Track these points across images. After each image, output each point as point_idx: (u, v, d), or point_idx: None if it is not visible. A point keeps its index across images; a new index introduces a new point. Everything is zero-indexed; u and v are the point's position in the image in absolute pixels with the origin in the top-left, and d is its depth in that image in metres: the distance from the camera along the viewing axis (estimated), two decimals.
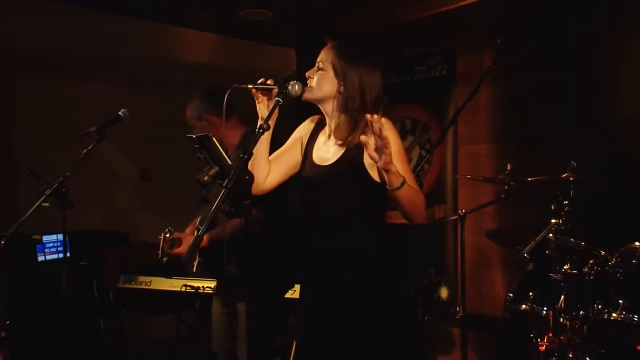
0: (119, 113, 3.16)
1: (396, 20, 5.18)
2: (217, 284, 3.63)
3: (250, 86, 2.38)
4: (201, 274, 3.68)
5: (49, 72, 4.93)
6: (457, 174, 4.81)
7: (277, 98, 2.27)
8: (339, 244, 2.39)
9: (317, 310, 2.44)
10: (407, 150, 4.90)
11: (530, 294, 3.47)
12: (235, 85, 2.33)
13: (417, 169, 4.22)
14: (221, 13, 5.31)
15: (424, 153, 4.97)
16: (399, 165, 2.22)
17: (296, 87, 2.32)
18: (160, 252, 3.26)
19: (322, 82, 2.40)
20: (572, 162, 3.31)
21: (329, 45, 2.46)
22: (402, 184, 2.17)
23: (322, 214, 2.43)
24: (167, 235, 3.27)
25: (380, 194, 2.32)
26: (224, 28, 5.77)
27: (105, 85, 5.19)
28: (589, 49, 4.13)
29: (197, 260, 3.36)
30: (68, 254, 3.09)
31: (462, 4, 4.67)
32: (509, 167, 3.64)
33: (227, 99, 2.37)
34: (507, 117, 4.66)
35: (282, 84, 2.32)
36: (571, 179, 3.29)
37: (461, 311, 3.83)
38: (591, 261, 3.30)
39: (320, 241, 2.43)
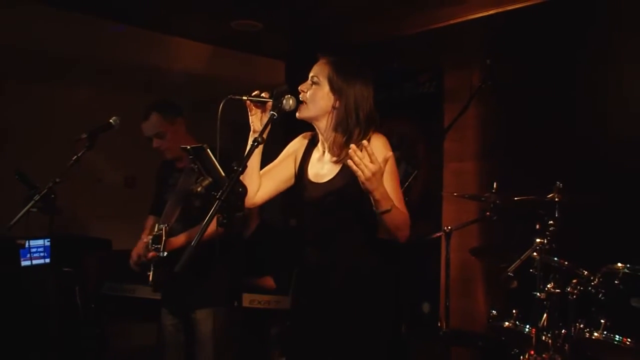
0: (110, 121, 3.13)
1: (386, 36, 5.22)
2: (165, 294, 3.45)
3: (245, 98, 2.37)
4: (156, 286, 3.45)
5: (36, 76, 4.90)
6: (442, 191, 4.83)
7: (272, 112, 2.26)
8: (335, 259, 2.39)
9: (310, 323, 2.44)
10: None
11: (514, 311, 3.49)
12: (229, 96, 2.31)
13: (404, 185, 4.22)
14: (213, 23, 5.33)
15: (410, 169, 4.98)
16: (390, 184, 2.24)
17: (290, 101, 2.31)
18: (162, 246, 3.12)
19: (317, 97, 2.39)
20: (558, 182, 3.34)
21: (323, 60, 2.45)
22: (390, 209, 2.19)
23: (319, 230, 2.44)
24: (166, 228, 3.16)
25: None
26: (216, 38, 5.79)
27: (93, 91, 5.18)
28: (577, 67, 4.18)
29: (151, 271, 3.22)
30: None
31: (452, 22, 4.71)
32: (495, 186, 3.67)
33: (221, 109, 2.33)
34: (493, 135, 4.69)
35: (277, 98, 2.31)
36: (556, 199, 3.32)
37: (444, 327, 3.85)
38: (574, 281, 3.33)
39: (316, 256, 2.44)
